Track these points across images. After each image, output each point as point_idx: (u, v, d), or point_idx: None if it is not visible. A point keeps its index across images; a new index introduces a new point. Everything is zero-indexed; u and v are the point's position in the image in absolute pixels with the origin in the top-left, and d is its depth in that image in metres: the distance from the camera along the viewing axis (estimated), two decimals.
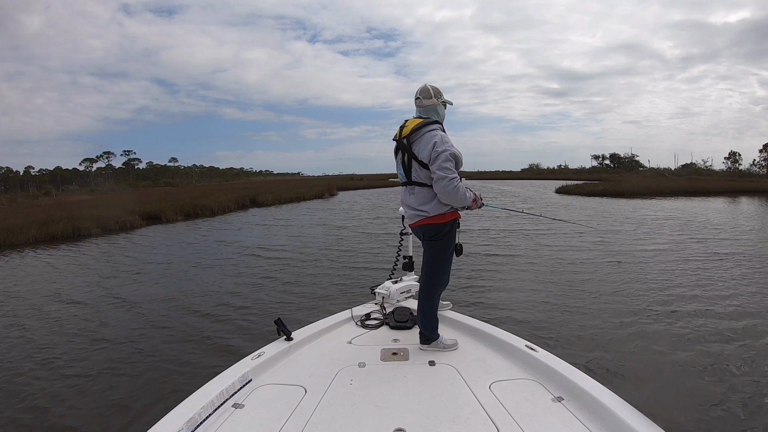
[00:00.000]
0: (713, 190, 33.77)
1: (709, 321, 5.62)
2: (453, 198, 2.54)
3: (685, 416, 3.52)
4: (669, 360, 4.57)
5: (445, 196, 2.54)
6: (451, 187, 2.50)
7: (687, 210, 20.32)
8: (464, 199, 2.59)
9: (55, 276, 9.68)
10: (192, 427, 1.85)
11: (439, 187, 2.53)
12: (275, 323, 2.70)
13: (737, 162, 71.92)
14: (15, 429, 3.69)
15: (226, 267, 9.90)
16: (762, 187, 36.30)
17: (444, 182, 2.50)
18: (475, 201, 2.71)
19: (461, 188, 2.55)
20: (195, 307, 6.84)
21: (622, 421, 1.77)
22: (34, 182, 77.46)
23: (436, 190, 2.57)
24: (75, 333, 5.91)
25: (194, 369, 4.61)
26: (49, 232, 15.31)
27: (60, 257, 12.13)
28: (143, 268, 10.07)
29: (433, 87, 2.73)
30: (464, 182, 2.65)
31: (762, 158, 68.20)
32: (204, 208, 22.27)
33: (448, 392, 2.18)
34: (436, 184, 2.53)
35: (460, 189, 2.53)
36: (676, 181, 43.44)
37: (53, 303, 7.47)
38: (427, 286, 2.76)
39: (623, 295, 6.82)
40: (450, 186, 2.50)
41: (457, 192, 2.52)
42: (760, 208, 22.47)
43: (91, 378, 4.53)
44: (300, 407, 2.05)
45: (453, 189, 2.51)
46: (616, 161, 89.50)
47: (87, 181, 79.14)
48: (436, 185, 2.54)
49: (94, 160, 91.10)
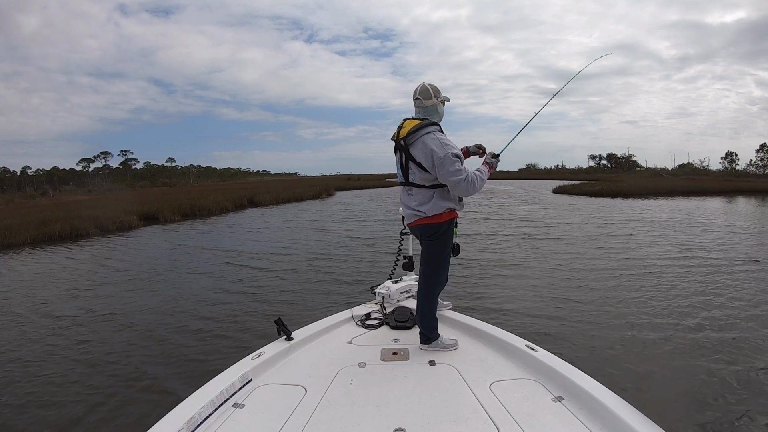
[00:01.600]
0: (710, 190, 33.86)
1: (710, 321, 5.61)
2: (475, 190, 2.60)
3: (685, 416, 3.51)
4: (670, 359, 4.57)
5: (469, 193, 2.61)
6: (470, 186, 2.56)
7: (685, 209, 20.35)
8: (483, 183, 2.64)
9: (54, 276, 9.63)
10: (192, 427, 1.85)
11: (460, 191, 2.58)
12: (275, 323, 2.70)
13: (734, 162, 72.35)
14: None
15: (224, 267, 9.87)
16: (759, 186, 36.47)
17: (463, 185, 2.55)
18: (491, 169, 2.78)
19: (476, 179, 2.59)
20: (195, 307, 6.83)
21: (622, 421, 1.78)
22: (31, 182, 77.08)
23: (458, 194, 2.62)
24: (74, 333, 5.89)
25: (194, 369, 4.60)
26: (47, 232, 15.32)
27: (59, 257, 12.08)
28: (142, 268, 10.04)
29: (432, 86, 2.73)
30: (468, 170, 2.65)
31: (759, 158, 68.52)
32: (202, 209, 22.26)
33: (448, 392, 2.19)
34: (455, 189, 2.58)
35: (476, 182, 2.59)
36: (673, 181, 43.51)
37: (53, 303, 7.43)
38: (425, 286, 2.77)
39: (624, 294, 6.81)
40: (469, 186, 2.56)
41: (475, 185, 2.58)
42: (759, 207, 22.57)
43: (90, 378, 4.51)
44: (300, 407, 2.05)
45: (471, 185, 2.56)
46: (614, 161, 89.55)
47: (84, 182, 78.56)
48: (456, 190, 2.58)
49: (92, 160, 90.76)
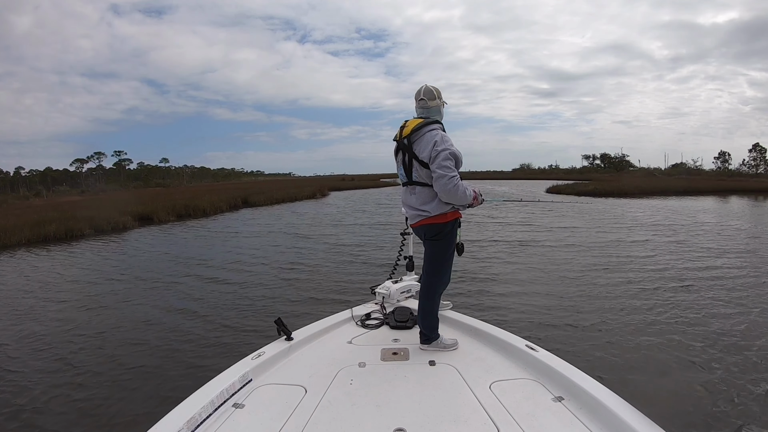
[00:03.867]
0: (703, 189, 34.29)
1: (711, 319, 5.65)
2: (453, 196, 2.55)
3: (685, 415, 3.52)
4: (670, 359, 4.58)
5: (446, 194, 2.55)
6: (451, 185, 2.51)
7: (679, 209, 20.50)
8: (464, 197, 2.59)
9: (54, 276, 9.59)
10: (192, 427, 1.84)
11: (439, 186, 2.53)
12: (275, 323, 2.69)
13: (727, 162, 73.10)
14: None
15: (221, 267, 9.82)
16: (751, 186, 36.90)
17: (444, 180, 2.50)
18: (476, 198, 2.72)
19: (461, 186, 2.55)
20: (194, 307, 6.82)
21: (622, 421, 1.78)
22: (25, 183, 76.42)
23: (436, 189, 2.57)
24: (72, 333, 5.87)
25: (194, 369, 4.59)
26: (42, 233, 15.25)
27: (55, 258, 12.01)
28: (139, 269, 9.97)
29: (435, 88, 2.74)
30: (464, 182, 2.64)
31: (751, 158, 69.30)
32: (196, 209, 22.17)
33: (448, 392, 2.18)
34: (436, 182, 2.54)
35: (459, 187, 2.54)
36: (666, 180, 43.86)
37: (53, 302, 7.41)
38: (427, 285, 2.76)
39: (624, 294, 6.83)
40: (450, 184, 2.50)
41: (457, 190, 2.52)
42: (752, 207, 22.79)
43: (89, 379, 4.50)
44: (300, 407, 2.05)
45: (453, 187, 2.51)
46: (607, 161, 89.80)
47: (78, 182, 77.99)
48: (436, 184, 2.54)
49: (85, 160, 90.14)
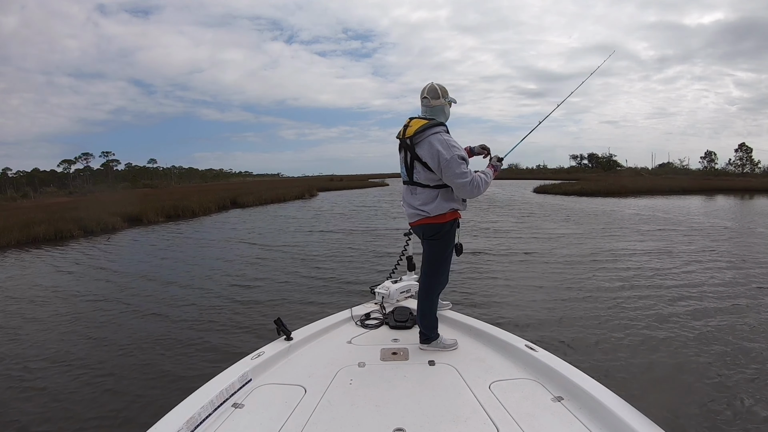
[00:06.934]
0: (690, 188, 34.77)
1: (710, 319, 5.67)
2: (479, 193, 2.60)
3: (685, 415, 3.55)
4: (670, 359, 4.61)
5: (473, 196, 2.61)
6: (474, 189, 2.56)
7: (667, 209, 20.80)
8: (487, 185, 2.64)
9: (53, 275, 9.56)
10: (192, 427, 1.84)
11: (465, 193, 2.58)
12: (275, 323, 2.68)
13: (713, 161, 74.01)
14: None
15: (218, 267, 9.77)
16: (737, 185, 37.45)
17: (468, 188, 2.54)
18: (495, 171, 2.78)
19: (481, 182, 2.59)
20: (194, 307, 6.79)
21: (622, 421, 1.79)
22: (12, 184, 74.77)
23: (462, 196, 2.62)
24: (70, 333, 5.85)
25: (194, 369, 4.57)
26: (31, 234, 15.14)
27: (47, 258, 11.90)
28: (134, 270, 9.85)
29: (440, 86, 2.69)
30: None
31: (737, 157, 70.20)
32: (185, 210, 21.99)
33: (448, 392, 2.19)
34: (459, 191, 2.57)
35: (481, 185, 2.58)
36: (653, 180, 44.30)
37: (51, 301, 7.41)
38: (426, 285, 2.76)
39: (623, 294, 6.86)
40: (473, 188, 2.55)
41: (479, 188, 2.58)
42: (740, 205, 23.20)
43: (88, 378, 4.49)
44: (300, 407, 2.04)
45: (476, 188, 2.56)
46: (594, 161, 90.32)
47: (65, 183, 76.82)
48: (461, 192, 2.58)
49: (73, 161, 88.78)
